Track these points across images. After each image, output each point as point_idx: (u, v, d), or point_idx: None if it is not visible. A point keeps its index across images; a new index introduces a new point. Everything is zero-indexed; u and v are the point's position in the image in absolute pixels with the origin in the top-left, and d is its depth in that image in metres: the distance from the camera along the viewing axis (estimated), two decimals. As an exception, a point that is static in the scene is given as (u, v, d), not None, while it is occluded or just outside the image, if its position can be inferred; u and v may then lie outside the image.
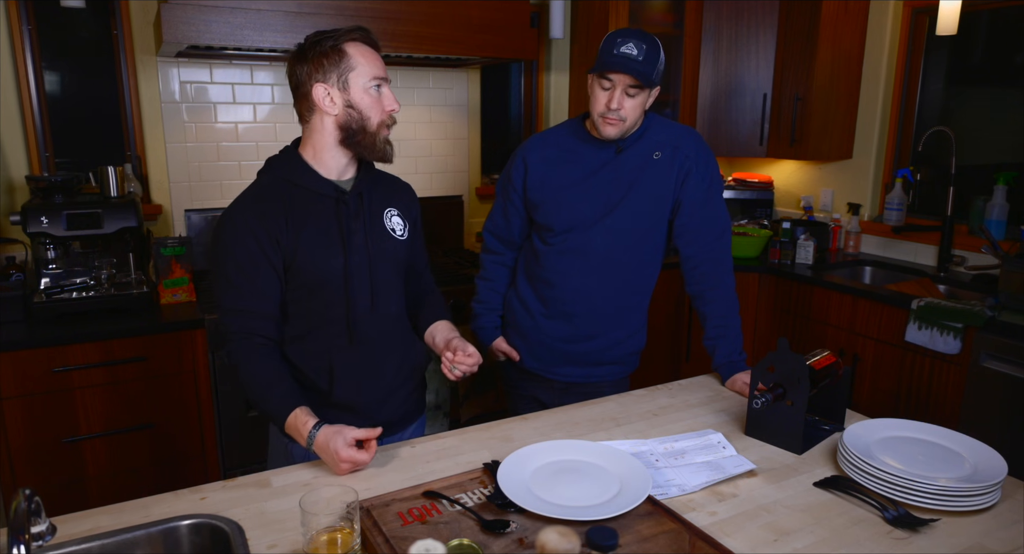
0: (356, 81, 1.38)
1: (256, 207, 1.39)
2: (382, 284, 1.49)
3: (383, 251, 1.49)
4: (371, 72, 1.39)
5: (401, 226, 1.54)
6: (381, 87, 1.41)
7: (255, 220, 1.37)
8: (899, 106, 3.20)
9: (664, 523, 1.12)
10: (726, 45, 3.38)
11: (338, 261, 1.42)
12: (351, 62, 1.37)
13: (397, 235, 1.52)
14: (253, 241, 1.37)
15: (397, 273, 1.54)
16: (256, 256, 1.38)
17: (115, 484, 2.26)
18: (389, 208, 1.53)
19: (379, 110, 1.41)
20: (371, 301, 1.47)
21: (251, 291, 1.39)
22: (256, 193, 1.42)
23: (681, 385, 1.78)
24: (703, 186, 1.79)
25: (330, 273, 1.42)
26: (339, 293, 1.44)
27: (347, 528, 1.01)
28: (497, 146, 3.57)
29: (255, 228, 1.37)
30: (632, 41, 1.64)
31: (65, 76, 2.62)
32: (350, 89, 1.38)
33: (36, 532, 0.89)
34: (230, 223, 1.39)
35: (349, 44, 1.38)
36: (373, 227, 1.48)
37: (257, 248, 1.37)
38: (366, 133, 1.41)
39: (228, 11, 2.26)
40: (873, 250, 3.33)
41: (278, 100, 2.90)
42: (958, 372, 2.39)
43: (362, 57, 1.39)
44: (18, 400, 2.09)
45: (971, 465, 1.28)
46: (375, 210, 1.50)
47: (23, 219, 2.19)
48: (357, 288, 1.45)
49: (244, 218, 1.38)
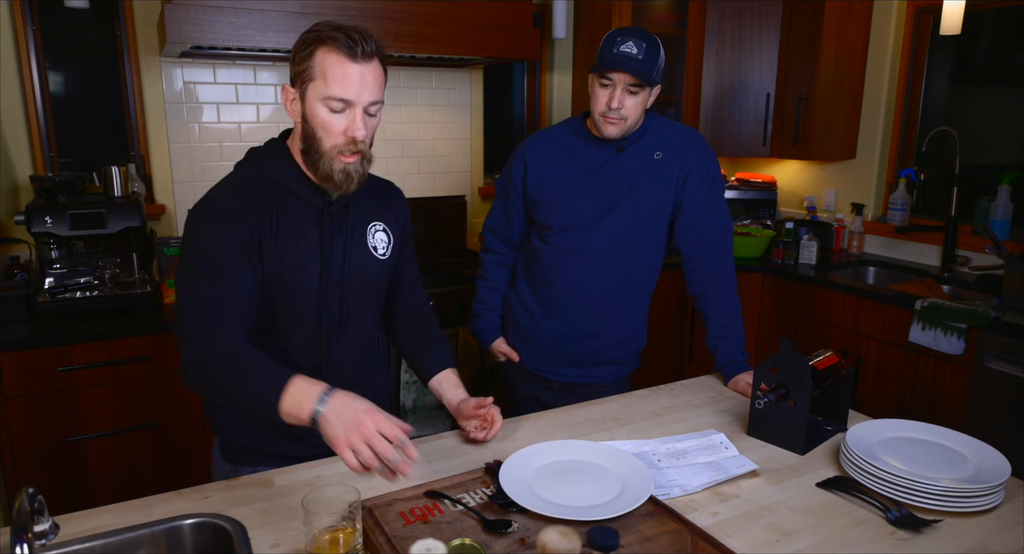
0: (312, 93, 1.22)
1: (242, 201, 1.26)
2: (355, 307, 1.38)
3: (360, 272, 1.38)
4: (329, 90, 1.20)
5: (384, 243, 1.43)
6: (344, 110, 1.23)
7: (241, 212, 1.24)
8: (903, 106, 3.20)
9: (666, 523, 1.12)
10: (729, 45, 3.38)
11: (313, 275, 1.31)
12: (313, 71, 1.21)
13: (379, 254, 1.41)
14: (231, 231, 1.23)
15: (374, 296, 1.44)
16: (235, 248, 1.24)
17: (119, 483, 2.26)
18: (375, 223, 1.42)
19: (333, 132, 1.23)
20: (339, 323, 1.37)
21: (223, 282, 1.22)
22: (240, 186, 1.29)
23: (684, 385, 1.78)
24: (704, 186, 1.79)
25: (303, 285, 1.31)
26: (309, 308, 1.33)
27: (349, 527, 1.02)
28: (500, 146, 3.56)
29: (240, 219, 1.24)
30: (632, 40, 1.64)
31: (69, 76, 2.62)
32: (306, 100, 1.23)
33: (39, 531, 0.89)
34: (213, 206, 1.25)
35: (323, 48, 1.20)
36: (354, 243, 1.37)
37: (236, 241, 1.23)
38: (318, 153, 1.25)
39: (231, 11, 2.27)
40: (877, 250, 3.32)
41: (281, 100, 2.90)
42: (962, 373, 2.38)
43: (329, 68, 1.20)
44: (22, 399, 2.10)
45: (974, 466, 1.27)
46: (358, 223, 1.39)
47: (27, 219, 2.19)
48: (327, 307, 1.34)
49: (230, 206, 1.24)
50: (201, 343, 1.18)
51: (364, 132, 1.24)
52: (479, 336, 2.00)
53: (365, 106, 1.24)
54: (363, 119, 1.24)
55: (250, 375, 1.15)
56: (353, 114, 1.23)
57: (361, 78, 1.22)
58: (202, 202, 1.28)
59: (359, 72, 1.21)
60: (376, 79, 1.25)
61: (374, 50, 1.24)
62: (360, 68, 1.21)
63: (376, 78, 1.24)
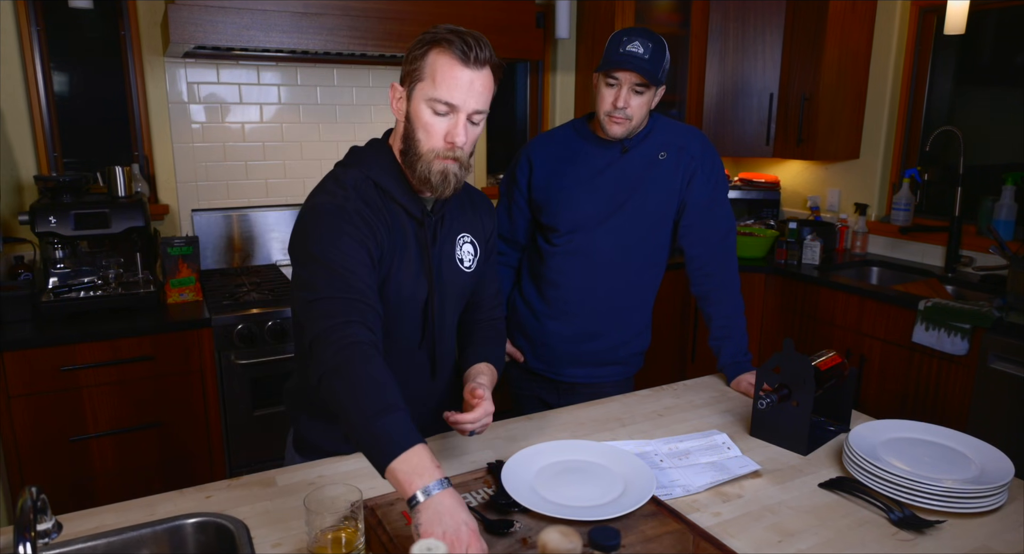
0: (419, 93, 1.21)
1: (366, 206, 1.23)
2: (440, 319, 1.35)
3: (450, 285, 1.35)
4: (436, 91, 1.19)
5: (471, 255, 1.39)
6: (448, 114, 1.21)
7: (367, 217, 1.21)
8: (907, 106, 3.19)
9: (668, 523, 1.12)
10: (732, 45, 3.37)
11: (420, 284, 1.29)
12: (423, 71, 1.20)
13: (465, 267, 1.38)
14: (358, 233, 1.19)
15: (459, 306, 1.41)
16: (363, 251, 1.19)
17: (122, 482, 2.27)
18: (463, 234, 1.38)
19: (434, 135, 1.21)
20: (430, 336, 1.35)
21: (358, 280, 1.16)
22: (356, 190, 1.25)
23: (686, 385, 1.78)
24: (708, 187, 1.78)
25: (399, 299, 1.28)
26: (400, 323, 1.31)
27: (351, 527, 1.02)
28: (503, 146, 3.56)
29: (366, 223, 1.21)
30: (638, 39, 1.64)
31: (73, 76, 2.63)
32: (412, 99, 1.22)
33: (42, 530, 0.90)
34: (337, 208, 1.21)
35: (436, 49, 1.20)
36: (443, 256, 1.34)
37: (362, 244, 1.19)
38: (416, 155, 1.24)
39: (235, 12, 2.27)
40: (880, 250, 3.32)
41: (284, 100, 2.90)
42: (966, 373, 2.38)
43: (439, 70, 1.19)
44: (26, 399, 2.10)
45: (978, 467, 1.27)
46: (448, 235, 1.35)
47: (31, 219, 2.20)
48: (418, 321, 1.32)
49: (356, 210, 1.21)
50: (339, 343, 1.09)
51: (464, 139, 1.22)
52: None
53: (469, 113, 1.21)
54: (465, 126, 1.22)
55: (378, 419, 1.03)
56: (456, 119, 1.21)
57: (470, 84, 1.20)
58: (321, 203, 1.23)
59: (469, 77, 1.19)
60: (485, 88, 1.22)
61: (488, 58, 1.21)
62: (471, 74, 1.20)
63: (485, 87, 1.22)
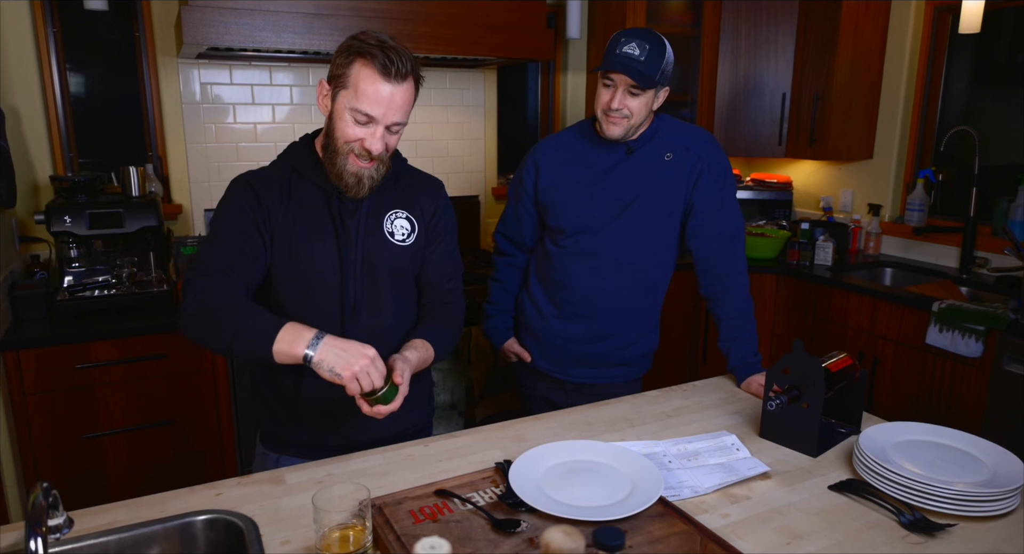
0: (342, 100, 1.29)
1: (258, 180, 1.37)
2: (369, 291, 1.40)
3: (376, 256, 1.40)
4: (357, 103, 1.27)
5: (405, 230, 1.44)
6: (368, 124, 1.29)
7: (253, 188, 1.35)
8: (921, 105, 3.16)
9: (676, 525, 1.12)
10: (744, 44, 3.36)
11: (331, 252, 1.36)
12: (347, 79, 1.27)
13: (396, 240, 1.42)
14: (243, 204, 1.33)
15: (394, 281, 1.44)
16: (245, 219, 1.33)
17: (134, 479, 2.29)
18: (396, 210, 1.44)
19: (351, 139, 1.30)
20: (354, 307, 1.39)
21: (233, 248, 1.31)
22: (264, 171, 1.40)
23: (696, 386, 1.77)
24: (715, 187, 1.78)
25: (312, 264, 1.36)
26: (321, 288, 1.37)
27: (359, 525, 1.02)
28: (514, 147, 3.57)
29: (251, 193, 1.34)
30: (635, 41, 1.63)
31: (88, 77, 2.66)
32: (336, 102, 1.30)
33: (53, 525, 0.91)
34: (233, 184, 1.38)
35: (361, 61, 1.26)
36: (369, 228, 1.40)
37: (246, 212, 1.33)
38: (334, 151, 1.32)
39: (247, 13, 2.29)
40: (894, 251, 3.29)
41: (297, 101, 2.92)
42: (980, 376, 2.35)
43: (361, 82, 1.26)
44: (41, 396, 2.13)
45: (990, 470, 1.26)
46: (374, 210, 1.41)
47: (47, 218, 2.23)
48: (337, 289, 1.38)
49: (246, 183, 1.36)
50: (204, 292, 1.24)
51: (380, 148, 1.31)
52: (491, 336, 2.01)
53: (388, 125, 1.30)
54: (383, 136, 1.31)
55: (246, 319, 1.20)
56: (375, 130, 1.29)
57: (390, 97, 1.27)
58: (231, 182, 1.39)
59: (390, 91, 1.27)
60: (405, 101, 1.30)
61: (409, 70, 1.29)
62: (391, 88, 1.27)
63: (405, 100, 1.30)
